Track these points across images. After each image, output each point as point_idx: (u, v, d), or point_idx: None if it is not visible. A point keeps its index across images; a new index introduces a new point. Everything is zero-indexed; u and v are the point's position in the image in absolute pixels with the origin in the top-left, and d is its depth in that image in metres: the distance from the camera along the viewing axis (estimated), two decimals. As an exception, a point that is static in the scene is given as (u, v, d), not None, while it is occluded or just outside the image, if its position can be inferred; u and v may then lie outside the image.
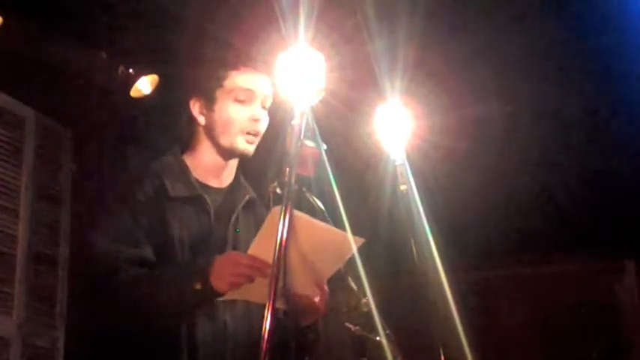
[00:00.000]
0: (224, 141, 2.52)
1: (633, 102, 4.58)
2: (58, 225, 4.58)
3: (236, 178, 2.62)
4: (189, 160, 2.56)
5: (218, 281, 2.20)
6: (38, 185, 4.46)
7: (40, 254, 4.42)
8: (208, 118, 2.54)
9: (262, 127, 2.54)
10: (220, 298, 2.27)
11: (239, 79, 2.52)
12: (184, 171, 2.52)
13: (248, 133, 2.51)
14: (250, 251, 2.22)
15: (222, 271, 2.20)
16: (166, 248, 2.39)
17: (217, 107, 2.52)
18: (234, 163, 2.60)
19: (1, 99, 4.30)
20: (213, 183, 2.56)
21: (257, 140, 2.54)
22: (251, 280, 2.19)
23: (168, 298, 2.25)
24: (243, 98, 2.51)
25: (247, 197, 2.59)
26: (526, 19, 4.23)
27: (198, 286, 2.21)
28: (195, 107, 2.55)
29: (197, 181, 2.52)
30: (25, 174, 4.39)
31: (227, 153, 2.55)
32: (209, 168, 2.56)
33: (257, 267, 2.17)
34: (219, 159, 2.56)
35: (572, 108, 4.77)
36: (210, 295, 2.24)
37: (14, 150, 4.36)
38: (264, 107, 2.55)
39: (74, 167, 4.69)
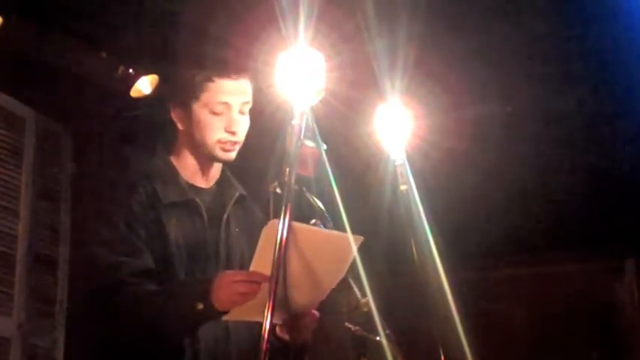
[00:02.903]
0: (203, 149, 2.52)
1: (633, 101, 4.58)
2: (58, 225, 4.58)
3: (222, 175, 2.61)
4: (175, 160, 2.56)
5: (219, 301, 2.20)
6: (38, 185, 4.46)
7: (40, 254, 4.42)
8: (186, 125, 2.53)
9: (240, 136, 2.53)
10: (223, 318, 2.26)
11: (214, 91, 2.49)
12: (174, 174, 2.52)
13: (225, 143, 2.50)
14: (252, 268, 2.20)
15: (222, 291, 2.19)
16: (164, 254, 2.39)
17: (194, 117, 2.51)
18: (219, 163, 2.60)
19: (1, 99, 4.30)
20: (200, 183, 2.56)
21: (237, 147, 2.53)
22: (252, 296, 2.16)
23: (171, 318, 2.24)
24: (219, 111, 2.49)
25: (237, 194, 2.59)
26: (526, 19, 4.23)
27: (200, 307, 2.20)
28: (175, 113, 2.55)
29: (187, 183, 2.52)
30: (25, 174, 4.39)
31: (208, 158, 2.55)
32: (195, 169, 2.56)
33: (256, 281, 2.15)
34: (202, 162, 2.56)
35: (572, 108, 4.77)
36: (212, 315, 2.23)
37: (14, 150, 4.36)
38: (242, 113, 2.53)
39: (74, 167, 4.69)
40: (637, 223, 5.24)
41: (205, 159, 2.55)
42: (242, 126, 2.53)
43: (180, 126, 2.54)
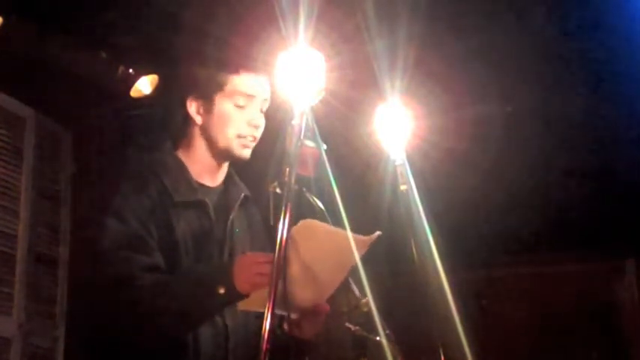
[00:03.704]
0: (221, 143, 2.50)
1: (633, 101, 4.58)
2: (58, 225, 4.58)
3: (229, 175, 2.60)
4: (183, 157, 2.54)
5: (241, 282, 2.18)
6: (38, 185, 4.46)
7: (40, 254, 4.42)
8: (205, 119, 2.51)
9: (259, 132, 2.53)
10: (240, 308, 2.25)
11: (239, 83, 2.49)
12: (183, 171, 2.50)
13: (245, 138, 2.49)
14: None
15: (245, 272, 2.19)
16: (171, 252, 2.37)
17: (216, 110, 2.50)
18: (227, 163, 2.59)
19: (1, 99, 4.30)
20: (208, 182, 2.54)
21: (253, 145, 2.53)
22: None
23: (191, 304, 2.22)
24: (243, 104, 2.49)
25: (242, 195, 2.59)
26: (526, 19, 4.23)
27: (221, 290, 2.19)
28: (193, 106, 2.52)
29: (196, 182, 2.51)
30: (25, 174, 4.39)
31: (222, 155, 2.53)
32: (204, 167, 2.54)
33: None
34: (214, 160, 2.54)
35: (571, 108, 4.77)
36: (233, 298, 2.22)
37: (14, 150, 4.36)
38: (261, 111, 2.53)
39: (74, 167, 4.69)
40: (637, 223, 5.24)
41: (218, 157, 2.53)
42: (262, 124, 2.53)
43: (198, 120, 2.52)
